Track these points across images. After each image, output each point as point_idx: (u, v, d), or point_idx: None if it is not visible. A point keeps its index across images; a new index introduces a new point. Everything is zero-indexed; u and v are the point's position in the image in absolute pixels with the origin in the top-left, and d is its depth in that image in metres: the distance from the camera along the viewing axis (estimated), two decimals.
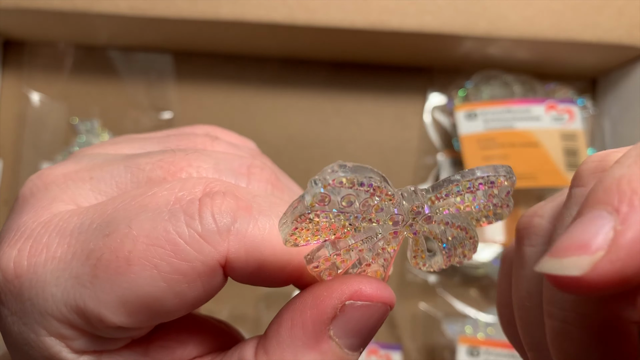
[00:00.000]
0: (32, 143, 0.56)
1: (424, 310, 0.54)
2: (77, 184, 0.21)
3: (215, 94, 0.58)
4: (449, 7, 0.48)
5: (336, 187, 0.16)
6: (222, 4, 0.48)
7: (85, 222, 0.19)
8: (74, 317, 0.18)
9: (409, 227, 0.18)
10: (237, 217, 0.18)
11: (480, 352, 0.49)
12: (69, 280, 0.18)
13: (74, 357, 0.19)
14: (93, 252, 0.18)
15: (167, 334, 0.21)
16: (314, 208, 0.16)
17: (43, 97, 0.57)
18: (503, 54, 0.53)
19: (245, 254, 0.18)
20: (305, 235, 0.17)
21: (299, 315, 0.19)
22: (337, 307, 0.18)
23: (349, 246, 0.18)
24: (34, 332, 0.18)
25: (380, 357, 0.50)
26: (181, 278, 0.18)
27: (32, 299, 0.18)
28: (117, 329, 0.18)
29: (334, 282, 0.19)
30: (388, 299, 0.19)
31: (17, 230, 0.19)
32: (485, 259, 0.53)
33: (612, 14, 0.49)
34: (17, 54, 0.57)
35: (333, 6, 0.48)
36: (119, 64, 0.57)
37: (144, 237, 0.18)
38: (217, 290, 0.19)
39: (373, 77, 0.58)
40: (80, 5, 0.48)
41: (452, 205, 0.19)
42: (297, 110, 0.58)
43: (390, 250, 0.19)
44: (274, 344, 0.19)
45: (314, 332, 0.18)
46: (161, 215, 0.18)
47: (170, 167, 0.21)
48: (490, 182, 0.18)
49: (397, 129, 0.58)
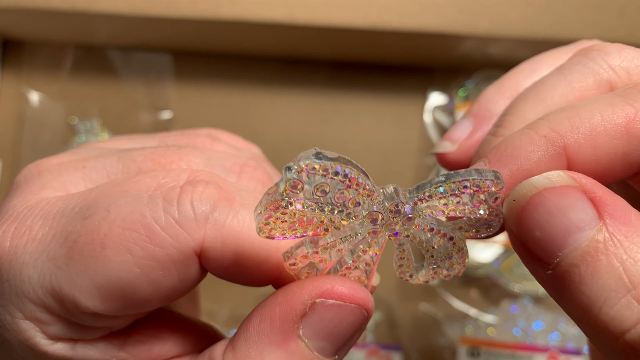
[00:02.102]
0: (31, 143, 0.56)
1: (424, 311, 0.54)
2: (69, 171, 0.21)
3: (215, 94, 0.58)
4: (450, 7, 0.48)
5: (310, 174, 0.16)
6: (222, 4, 0.48)
7: (68, 206, 0.19)
8: (50, 300, 0.18)
9: (388, 226, 0.17)
10: (217, 207, 0.18)
11: (481, 353, 0.49)
12: (46, 262, 0.18)
13: (48, 342, 0.19)
14: (70, 235, 0.18)
15: (146, 330, 0.20)
16: (288, 195, 0.16)
17: (42, 96, 0.56)
18: (504, 54, 0.53)
19: (222, 245, 0.18)
20: (281, 227, 0.17)
21: (268, 311, 0.18)
22: (307, 304, 0.17)
23: (328, 244, 0.18)
24: (10, 314, 0.18)
25: (380, 357, 0.50)
26: (155, 265, 0.17)
27: (10, 280, 0.18)
28: (92, 316, 0.18)
29: (307, 279, 0.18)
30: (362, 300, 0.18)
31: (5, 213, 0.19)
32: (485, 259, 0.53)
33: (613, 14, 0.48)
34: (17, 54, 0.57)
35: (333, 6, 0.48)
36: (118, 64, 0.57)
37: (121, 221, 0.17)
38: (193, 281, 0.19)
39: (373, 77, 0.58)
40: (80, 5, 0.48)
41: (436, 208, 0.18)
42: (297, 110, 0.57)
43: (371, 254, 0.18)
44: (242, 340, 0.18)
45: (282, 330, 0.18)
46: (140, 200, 0.18)
47: (160, 159, 0.21)
48: (476, 186, 0.17)
49: (397, 128, 0.57)
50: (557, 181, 0.16)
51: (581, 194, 0.16)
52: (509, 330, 0.50)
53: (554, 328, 0.50)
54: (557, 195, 0.16)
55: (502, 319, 0.51)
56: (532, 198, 0.16)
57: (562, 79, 0.21)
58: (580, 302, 0.15)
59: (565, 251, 0.15)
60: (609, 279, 0.14)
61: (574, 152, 0.17)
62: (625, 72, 0.20)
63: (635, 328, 0.14)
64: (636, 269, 0.14)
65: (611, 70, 0.20)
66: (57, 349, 0.19)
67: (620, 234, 0.15)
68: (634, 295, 0.14)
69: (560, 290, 0.16)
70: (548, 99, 0.20)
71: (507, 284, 0.52)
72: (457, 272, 0.20)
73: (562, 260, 0.15)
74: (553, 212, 0.16)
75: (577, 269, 0.15)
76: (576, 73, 0.20)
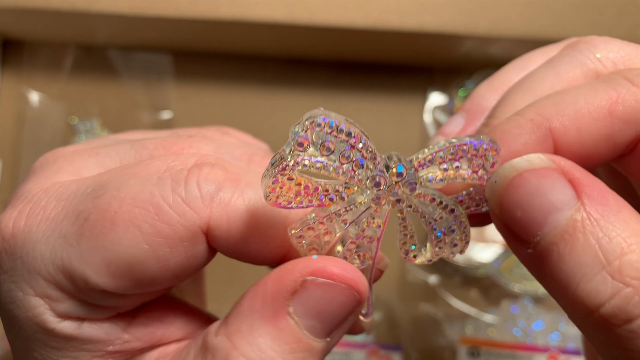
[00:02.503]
0: (31, 143, 0.56)
1: (424, 311, 0.54)
2: (83, 158, 0.22)
3: (215, 94, 0.58)
4: (450, 7, 0.48)
5: (314, 131, 0.16)
6: (222, 4, 0.48)
7: (81, 187, 0.19)
8: (61, 277, 0.18)
9: (391, 190, 0.18)
10: (222, 187, 0.19)
11: (481, 353, 0.49)
12: (57, 239, 0.18)
13: (56, 320, 0.19)
14: (82, 213, 0.18)
15: (150, 314, 0.21)
16: (294, 155, 0.16)
17: (42, 96, 0.56)
18: (503, 54, 0.53)
19: (227, 222, 0.18)
20: (287, 194, 0.17)
21: (261, 288, 0.19)
22: (298, 282, 0.18)
23: (332, 213, 0.18)
24: (21, 290, 0.19)
25: (380, 357, 0.50)
26: (163, 241, 0.18)
27: (23, 257, 0.19)
28: (102, 293, 0.19)
29: (301, 259, 0.18)
30: (353, 281, 0.18)
31: (20, 195, 0.20)
32: (485, 259, 0.53)
33: (613, 14, 0.48)
34: (17, 54, 0.57)
35: (333, 6, 0.48)
36: (118, 64, 0.57)
37: (130, 199, 0.18)
38: (200, 261, 0.19)
39: (373, 77, 0.58)
40: (80, 5, 0.48)
41: (436, 174, 0.18)
42: (297, 110, 0.57)
43: (375, 226, 0.19)
44: (234, 315, 0.19)
45: (273, 306, 0.18)
46: (150, 180, 0.19)
47: (172, 146, 0.21)
48: (474, 149, 0.18)
49: (398, 128, 0.57)
50: (537, 163, 0.17)
51: (560, 176, 0.16)
52: (509, 330, 0.50)
53: (554, 328, 0.50)
54: (537, 176, 0.16)
55: (502, 319, 0.51)
56: (513, 179, 0.17)
57: (550, 70, 0.21)
58: (558, 278, 0.16)
59: (545, 230, 0.16)
60: (586, 256, 0.15)
61: (559, 134, 0.18)
62: (612, 62, 0.21)
63: (609, 302, 0.15)
64: (611, 246, 0.15)
65: (597, 61, 0.21)
66: (64, 327, 0.19)
67: (597, 214, 0.15)
68: (609, 271, 0.15)
69: (540, 267, 0.16)
70: (537, 90, 0.21)
71: (507, 284, 0.52)
72: (460, 250, 0.20)
73: (541, 239, 0.16)
74: (533, 193, 0.16)
75: (556, 247, 0.16)
76: (564, 64, 0.21)
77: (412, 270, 0.54)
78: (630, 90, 0.18)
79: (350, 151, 0.17)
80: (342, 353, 0.49)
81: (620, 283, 0.15)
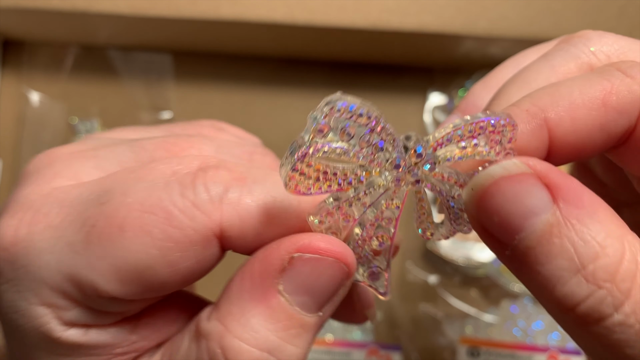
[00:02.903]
0: (31, 143, 0.56)
1: (424, 311, 0.54)
2: (80, 161, 0.21)
3: (215, 94, 0.58)
4: (450, 7, 0.48)
5: (334, 116, 0.16)
6: (222, 4, 0.48)
7: (83, 193, 0.19)
8: (68, 285, 0.18)
9: (411, 171, 0.18)
10: (230, 187, 0.18)
11: (481, 353, 0.49)
12: (63, 247, 0.18)
13: (62, 329, 0.19)
14: (88, 220, 0.18)
15: (156, 311, 0.20)
16: (314, 142, 0.16)
17: (42, 97, 0.56)
18: (503, 54, 0.53)
19: (240, 222, 0.18)
20: (306, 181, 0.17)
21: (249, 269, 0.19)
22: (285, 259, 0.18)
23: (351, 198, 0.18)
24: (25, 300, 0.18)
25: (380, 357, 0.50)
26: (173, 246, 0.18)
27: (27, 266, 0.18)
28: (110, 300, 0.18)
29: (286, 237, 0.18)
30: (340, 254, 0.18)
31: (17, 202, 0.20)
32: (485, 259, 0.53)
33: (613, 14, 0.49)
34: (17, 54, 0.57)
35: (333, 6, 0.48)
36: (118, 64, 0.57)
37: (138, 205, 0.18)
38: (210, 263, 0.19)
39: (373, 77, 0.58)
40: (80, 5, 0.48)
41: (454, 152, 0.18)
42: (297, 110, 0.57)
43: (394, 207, 0.19)
44: (224, 299, 0.19)
45: (262, 286, 0.18)
46: (157, 185, 0.18)
47: (172, 147, 0.21)
48: (492, 126, 0.18)
49: (397, 128, 0.57)
50: (513, 170, 0.17)
51: (536, 180, 0.16)
52: (509, 330, 0.50)
53: (554, 328, 0.50)
54: (513, 183, 0.17)
55: (502, 318, 0.51)
56: (489, 187, 0.17)
57: (545, 63, 0.22)
58: (537, 280, 0.16)
59: (522, 234, 0.16)
60: (562, 259, 0.16)
61: (554, 124, 0.18)
62: (606, 55, 0.21)
63: (584, 302, 0.15)
64: (586, 250, 0.15)
65: (592, 54, 0.21)
66: (70, 335, 0.19)
67: (572, 217, 0.16)
68: (584, 275, 0.15)
69: (519, 269, 0.17)
70: (532, 82, 0.21)
71: (507, 284, 0.52)
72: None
73: (519, 242, 0.16)
74: (509, 199, 0.16)
75: (533, 251, 0.16)
76: (559, 58, 0.21)
77: (412, 270, 0.54)
78: (623, 82, 0.18)
79: (370, 135, 0.17)
80: (342, 353, 0.49)
81: (594, 286, 0.15)
